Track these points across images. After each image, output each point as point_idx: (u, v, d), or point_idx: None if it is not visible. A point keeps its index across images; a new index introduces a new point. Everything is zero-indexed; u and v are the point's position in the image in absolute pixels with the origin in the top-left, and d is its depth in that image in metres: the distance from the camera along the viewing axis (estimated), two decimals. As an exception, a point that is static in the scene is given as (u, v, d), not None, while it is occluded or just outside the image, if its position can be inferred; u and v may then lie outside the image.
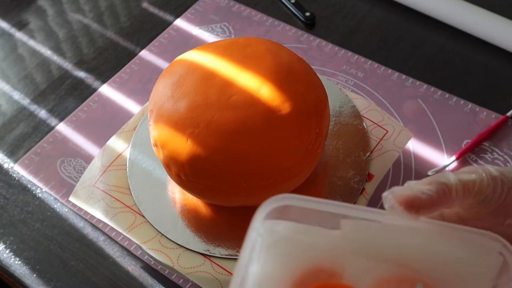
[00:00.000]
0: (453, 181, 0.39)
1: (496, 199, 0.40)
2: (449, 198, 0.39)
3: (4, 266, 0.64)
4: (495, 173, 0.40)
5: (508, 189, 0.40)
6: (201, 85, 0.57)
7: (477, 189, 0.40)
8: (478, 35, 0.80)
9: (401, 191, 0.39)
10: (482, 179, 0.40)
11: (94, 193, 0.64)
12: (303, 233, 0.41)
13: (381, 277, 0.39)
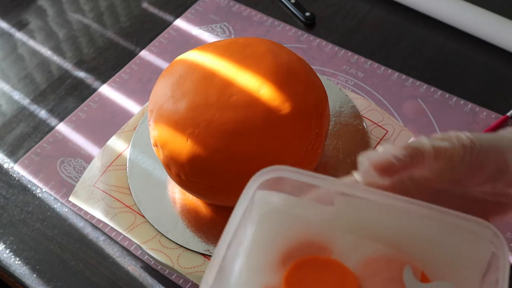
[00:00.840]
0: (426, 146, 0.41)
1: (464, 166, 0.42)
2: (421, 163, 0.40)
3: (4, 266, 0.64)
4: (466, 142, 0.42)
5: (476, 157, 0.42)
6: (201, 85, 0.57)
7: (448, 156, 0.41)
8: (478, 35, 0.80)
9: (376, 157, 0.40)
10: (453, 147, 0.41)
11: (94, 193, 0.64)
12: (296, 206, 0.41)
13: (371, 256, 0.40)
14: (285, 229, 0.41)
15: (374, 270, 0.39)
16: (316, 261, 0.39)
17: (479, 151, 0.42)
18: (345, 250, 0.40)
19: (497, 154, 0.42)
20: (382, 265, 0.39)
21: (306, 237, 0.41)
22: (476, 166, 0.42)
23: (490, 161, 0.42)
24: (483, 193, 0.43)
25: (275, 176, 0.40)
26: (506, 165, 0.42)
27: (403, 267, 0.39)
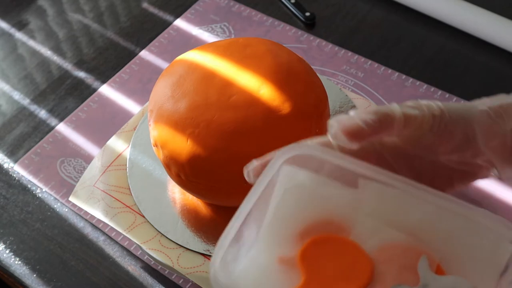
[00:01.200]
0: (396, 113, 0.41)
1: (433, 134, 0.42)
2: (390, 129, 0.41)
3: (4, 266, 0.64)
4: (437, 112, 0.42)
5: (445, 126, 0.42)
6: (201, 85, 0.57)
7: (417, 124, 0.42)
8: (478, 35, 0.80)
9: (346, 121, 0.40)
10: (423, 115, 0.42)
11: (94, 193, 0.64)
12: (321, 184, 0.41)
13: (388, 242, 0.40)
14: (307, 205, 0.41)
15: (389, 256, 0.39)
16: (333, 240, 0.40)
17: (448, 120, 0.43)
18: (364, 233, 0.40)
19: (466, 124, 0.43)
20: (398, 252, 0.39)
21: (327, 215, 0.41)
22: (445, 135, 0.43)
23: (458, 131, 0.43)
24: (450, 161, 0.44)
25: (303, 153, 0.41)
26: (473, 135, 0.43)
27: (419, 257, 0.38)
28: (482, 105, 0.44)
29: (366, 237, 0.40)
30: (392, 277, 0.38)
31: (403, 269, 0.38)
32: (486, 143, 0.43)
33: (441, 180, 0.45)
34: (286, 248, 0.39)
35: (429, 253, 0.39)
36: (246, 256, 0.39)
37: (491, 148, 0.44)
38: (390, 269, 0.39)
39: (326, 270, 0.38)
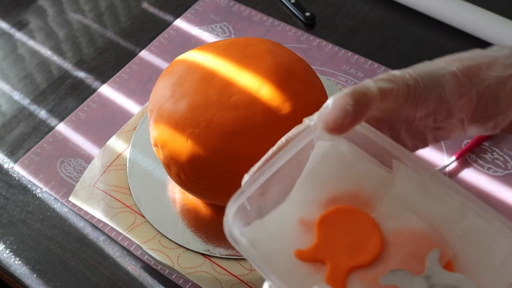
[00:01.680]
0: (373, 90, 0.42)
1: (408, 104, 0.43)
2: (369, 108, 0.41)
3: (4, 266, 0.64)
4: (411, 82, 0.43)
5: (419, 94, 0.43)
6: (201, 85, 0.57)
7: (393, 97, 0.42)
8: (478, 35, 0.80)
9: (328, 118, 0.41)
10: (398, 88, 0.43)
11: (94, 193, 0.64)
12: (360, 158, 0.42)
13: (406, 227, 0.40)
14: (341, 175, 0.42)
15: (402, 240, 0.39)
16: (355, 213, 0.41)
17: (422, 89, 0.43)
18: (386, 213, 0.41)
19: (438, 88, 0.44)
20: (413, 238, 0.39)
21: (356, 189, 0.42)
22: (420, 102, 0.43)
23: (432, 96, 0.44)
24: (426, 127, 0.45)
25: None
26: (446, 98, 0.44)
27: (432, 248, 0.38)
28: (451, 67, 0.45)
29: (387, 217, 0.40)
30: (398, 261, 0.38)
31: (412, 256, 0.38)
32: (455, 102, 0.44)
33: (417, 139, 0.46)
34: (309, 212, 0.40)
35: (443, 247, 0.39)
36: (270, 211, 0.40)
37: (459, 107, 0.45)
38: (399, 253, 0.39)
39: (339, 239, 0.39)
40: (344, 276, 0.38)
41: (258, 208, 0.40)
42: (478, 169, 0.68)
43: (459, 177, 0.68)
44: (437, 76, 0.45)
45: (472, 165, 0.68)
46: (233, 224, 0.38)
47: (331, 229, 0.40)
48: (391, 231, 0.40)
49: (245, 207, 0.39)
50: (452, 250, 0.39)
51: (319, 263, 0.39)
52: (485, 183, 0.67)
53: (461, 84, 0.45)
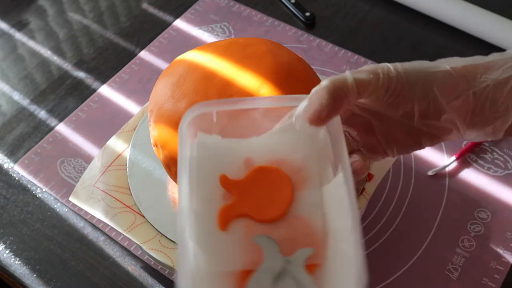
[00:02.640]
0: (349, 82, 0.43)
1: (388, 96, 0.44)
2: (344, 100, 0.43)
3: (4, 266, 0.64)
4: (393, 74, 0.44)
5: (401, 87, 0.44)
6: (201, 85, 0.57)
7: (371, 89, 0.43)
8: (478, 35, 0.80)
9: (306, 111, 0.43)
10: (377, 80, 0.43)
11: (94, 193, 0.64)
12: (222, 143, 0.48)
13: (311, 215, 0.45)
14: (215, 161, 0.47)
15: (300, 223, 0.44)
16: (275, 173, 0.46)
17: (405, 82, 0.44)
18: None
19: (424, 85, 0.44)
20: (307, 225, 0.44)
21: (237, 162, 0.47)
22: (402, 96, 0.44)
23: (416, 91, 0.44)
24: (418, 126, 0.45)
25: (198, 113, 0.46)
26: (433, 96, 0.44)
27: (315, 244, 0.43)
28: (444, 65, 0.45)
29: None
30: (286, 232, 0.44)
31: (299, 237, 0.43)
32: (448, 103, 0.44)
33: (411, 136, 0.46)
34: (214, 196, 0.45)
35: (320, 251, 0.43)
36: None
37: (454, 108, 0.44)
38: (291, 227, 0.44)
39: (254, 196, 0.45)
40: (233, 216, 0.44)
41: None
42: (478, 169, 0.68)
43: (459, 177, 0.68)
44: (425, 72, 0.45)
45: (472, 165, 0.68)
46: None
47: (251, 187, 0.45)
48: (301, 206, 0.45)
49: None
50: (324, 260, 0.42)
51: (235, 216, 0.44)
52: (485, 183, 0.67)
53: (456, 84, 0.44)
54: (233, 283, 0.42)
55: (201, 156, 0.47)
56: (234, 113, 0.47)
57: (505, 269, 0.61)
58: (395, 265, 0.61)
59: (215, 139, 0.47)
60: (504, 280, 0.60)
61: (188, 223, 0.43)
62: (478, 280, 0.60)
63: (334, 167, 0.45)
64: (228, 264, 0.43)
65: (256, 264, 0.42)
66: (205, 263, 0.42)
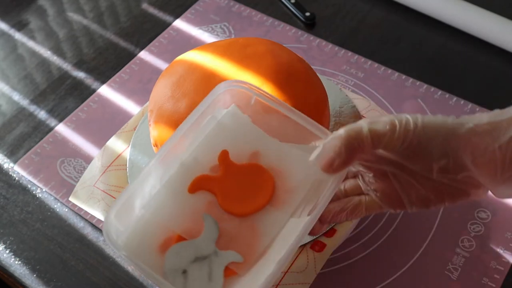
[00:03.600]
0: (364, 134, 0.43)
1: (404, 149, 0.44)
2: (358, 152, 0.43)
3: (4, 266, 0.64)
4: (411, 127, 0.43)
5: (418, 140, 0.43)
6: (201, 85, 0.57)
7: (386, 141, 0.43)
8: (478, 35, 0.80)
9: (319, 157, 0.45)
10: (393, 132, 0.43)
11: (94, 193, 0.64)
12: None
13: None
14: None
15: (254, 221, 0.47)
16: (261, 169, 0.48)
17: (422, 136, 0.43)
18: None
19: (442, 139, 0.43)
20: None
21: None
22: (419, 150, 0.43)
23: (435, 148, 0.43)
24: (437, 176, 0.45)
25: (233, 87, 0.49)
26: (453, 153, 0.43)
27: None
28: (468, 123, 0.44)
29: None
30: (233, 229, 0.46)
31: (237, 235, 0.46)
32: (473, 160, 0.43)
33: (431, 189, 0.45)
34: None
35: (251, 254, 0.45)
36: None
37: (480, 165, 0.43)
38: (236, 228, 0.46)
39: (237, 182, 0.47)
40: (206, 188, 0.46)
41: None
42: (478, 169, 0.68)
43: (459, 177, 0.68)
44: (446, 128, 0.44)
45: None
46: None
47: (239, 176, 0.47)
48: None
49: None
50: (243, 274, 0.44)
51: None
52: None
53: (480, 141, 0.43)
54: (162, 238, 0.44)
55: (222, 123, 0.48)
56: (269, 108, 0.49)
57: (505, 269, 0.61)
58: (395, 265, 0.61)
59: (245, 119, 0.49)
60: (504, 280, 0.60)
61: (168, 165, 0.46)
62: (478, 280, 0.60)
63: (312, 209, 0.46)
64: (170, 220, 0.45)
65: (191, 237, 0.44)
66: (152, 206, 0.45)
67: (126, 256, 0.42)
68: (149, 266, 0.43)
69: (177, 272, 0.43)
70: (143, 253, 0.44)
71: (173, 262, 0.43)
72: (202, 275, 0.43)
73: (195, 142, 0.48)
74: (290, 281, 0.57)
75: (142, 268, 0.42)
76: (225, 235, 0.45)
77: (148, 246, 0.44)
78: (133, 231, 0.44)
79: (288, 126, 0.48)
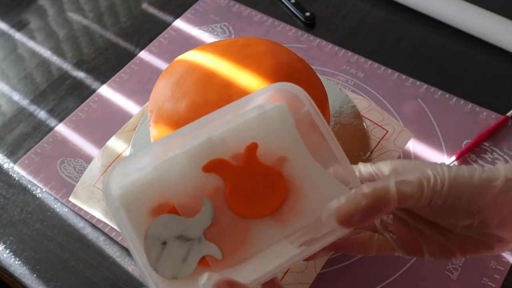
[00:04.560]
0: (392, 195, 0.42)
1: (429, 209, 0.43)
2: (381, 213, 0.42)
3: (4, 266, 0.64)
4: (438, 188, 0.42)
5: (442, 201, 0.42)
6: (201, 85, 0.57)
7: (412, 203, 0.42)
8: (478, 35, 0.80)
9: (340, 209, 0.42)
10: (421, 194, 0.42)
11: (94, 193, 0.64)
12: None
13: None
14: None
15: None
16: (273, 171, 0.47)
17: (447, 198, 0.42)
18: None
19: (469, 201, 0.42)
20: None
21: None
22: (444, 210, 0.43)
23: (459, 208, 0.42)
24: (462, 231, 0.44)
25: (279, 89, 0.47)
26: (478, 213, 0.42)
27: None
28: (495, 181, 0.43)
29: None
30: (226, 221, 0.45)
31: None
32: (500, 221, 0.43)
33: (455, 244, 0.45)
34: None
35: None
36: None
37: (508, 224, 0.42)
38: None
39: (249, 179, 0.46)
40: (219, 172, 0.45)
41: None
42: (478, 169, 0.68)
43: (459, 177, 0.68)
44: (472, 187, 0.43)
45: (472, 165, 0.68)
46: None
47: (258, 174, 0.46)
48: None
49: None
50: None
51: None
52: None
53: (507, 199, 0.42)
54: (157, 203, 0.44)
55: (267, 115, 0.47)
56: (315, 126, 0.46)
57: (505, 269, 0.61)
58: (395, 265, 0.61)
59: (290, 120, 0.47)
60: (504, 280, 0.60)
61: (195, 134, 0.45)
62: (478, 280, 0.60)
63: (307, 241, 0.45)
64: (172, 189, 0.44)
65: (184, 215, 0.44)
66: (162, 169, 0.44)
67: (115, 208, 0.42)
68: (135, 223, 0.43)
69: (158, 241, 0.43)
70: (134, 210, 0.43)
71: (158, 230, 0.43)
72: (178, 254, 0.43)
73: (231, 123, 0.46)
74: (290, 281, 0.57)
75: (125, 227, 0.42)
76: (216, 227, 0.44)
77: (142, 205, 0.44)
78: (133, 186, 0.44)
79: (323, 152, 0.46)
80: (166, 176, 0.44)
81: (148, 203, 0.44)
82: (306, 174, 0.46)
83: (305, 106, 0.45)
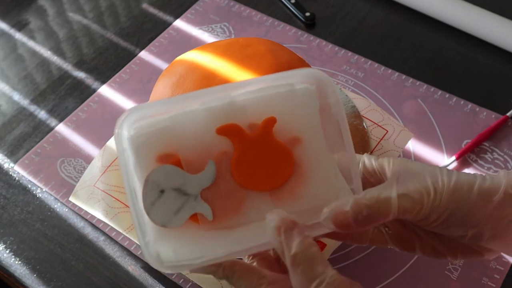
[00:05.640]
0: (393, 207, 0.42)
1: (424, 221, 0.43)
2: (381, 220, 0.42)
3: (4, 266, 0.64)
4: (437, 203, 0.42)
5: (438, 215, 0.43)
6: (202, 85, 0.57)
7: (411, 216, 0.43)
8: (478, 35, 0.80)
9: (338, 212, 0.42)
10: (421, 209, 0.42)
11: (94, 193, 0.64)
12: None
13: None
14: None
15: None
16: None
17: (443, 212, 0.43)
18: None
19: (465, 213, 0.43)
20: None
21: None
22: (440, 221, 0.43)
23: (455, 220, 0.43)
24: (455, 239, 0.45)
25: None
26: (472, 224, 0.43)
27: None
28: (493, 195, 0.43)
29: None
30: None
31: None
32: (493, 234, 0.43)
33: (448, 248, 0.46)
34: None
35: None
36: None
37: (501, 237, 0.43)
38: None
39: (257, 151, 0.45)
40: (231, 137, 0.45)
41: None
42: (478, 169, 0.68)
43: (459, 177, 0.68)
44: (470, 202, 0.43)
45: (472, 165, 0.68)
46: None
47: (272, 148, 0.45)
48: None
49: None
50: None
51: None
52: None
53: (504, 213, 0.43)
54: (165, 152, 0.44)
55: (295, 93, 0.46)
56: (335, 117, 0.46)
57: (505, 269, 0.61)
58: (395, 265, 0.61)
59: (315, 103, 0.46)
60: (504, 280, 0.60)
61: (217, 94, 0.45)
62: (478, 280, 0.60)
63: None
64: (182, 142, 0.44)
65: (186, 170, 0.44)
66: (178, 120, 0.44)
67: (122, 148, 0.43)
68: (140, 165, 0.43)
69: (157, 187, 0.43)
70: (142, 153, 0.44)
71: (160, 177, 0.44)
72: (173, 205, 0.43)
73: (257, 93, 0.46)
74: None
75: (127, 170, 0.43)
76: (214, 189, 0.44)
77: (150, 150, 0.44)
78: (145, 130, 0.44)
79: (335, 148, 0.46)
80: (180, 128, 0.44)
81: (156, 150, 0.44)
82: (315, 161, 0.46)
83: (330, 98, 0.45)
